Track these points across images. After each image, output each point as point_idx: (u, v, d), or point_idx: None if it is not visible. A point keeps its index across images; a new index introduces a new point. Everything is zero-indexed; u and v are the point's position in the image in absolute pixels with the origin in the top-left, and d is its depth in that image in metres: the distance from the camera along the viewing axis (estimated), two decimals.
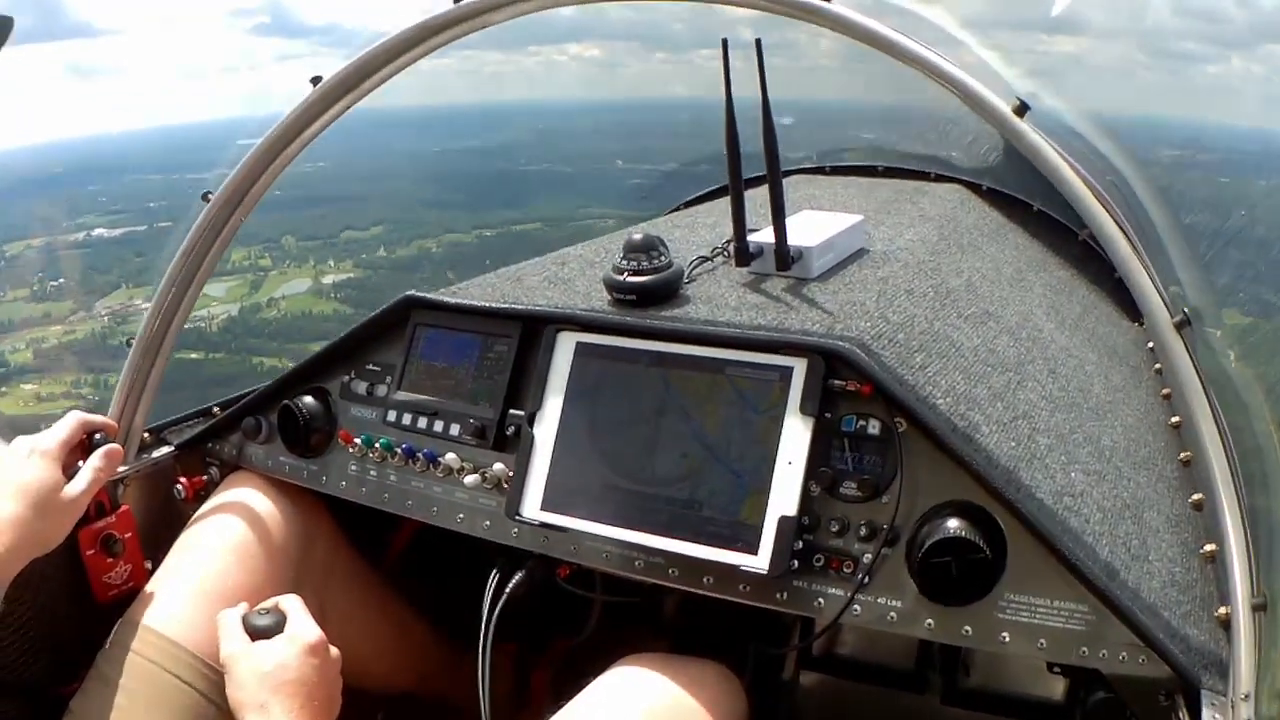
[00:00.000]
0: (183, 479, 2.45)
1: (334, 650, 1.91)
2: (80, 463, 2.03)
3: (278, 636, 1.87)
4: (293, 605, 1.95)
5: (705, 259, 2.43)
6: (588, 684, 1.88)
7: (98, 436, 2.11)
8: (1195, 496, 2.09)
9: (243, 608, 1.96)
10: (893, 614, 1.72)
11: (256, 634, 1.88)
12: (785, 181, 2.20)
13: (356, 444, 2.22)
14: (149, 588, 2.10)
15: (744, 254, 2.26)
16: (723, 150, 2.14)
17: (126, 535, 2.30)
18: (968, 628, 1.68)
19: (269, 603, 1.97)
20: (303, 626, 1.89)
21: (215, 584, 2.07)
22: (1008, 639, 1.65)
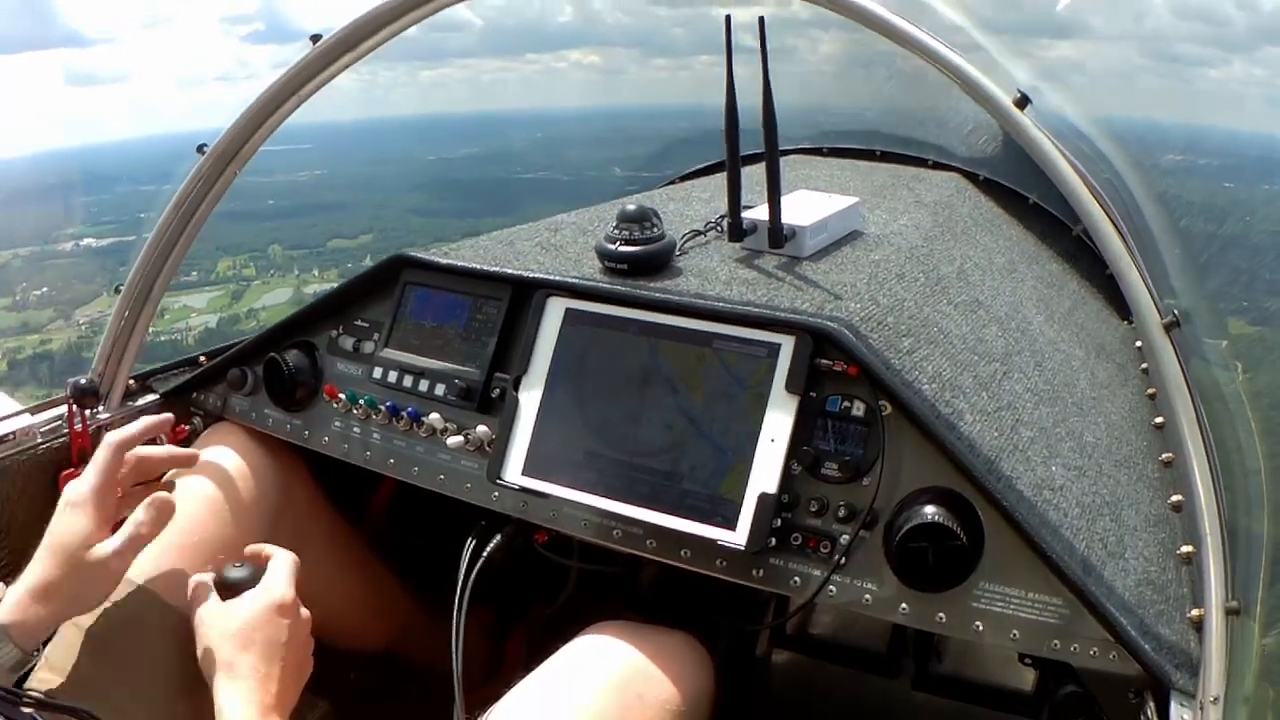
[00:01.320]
0: None
1: (304, 611, 1.89)
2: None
3: (247, 593, 1.86)
4: (274, 562, 1.92)
5: (698, 232, 2.42)
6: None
7: (83, 382, 2.09)
8: (1175, 498, 2.09)
9: (211, 572, 1.94)
10: (868, 596, 1.73)
11: (229, 586, 1.87)
12: (783, 161, 2.20)
13: (341, 400, 2.21)
14: None
15: (737, 229, 2.25)
16: (717, 128, 2.13)
17: None
18: (941, 614, 1.68)
19: (253, 548, 1.96)
20: (275, 582, 1.87)
21: (189, 535, 2.06)
22: (981, 628, 1.66)
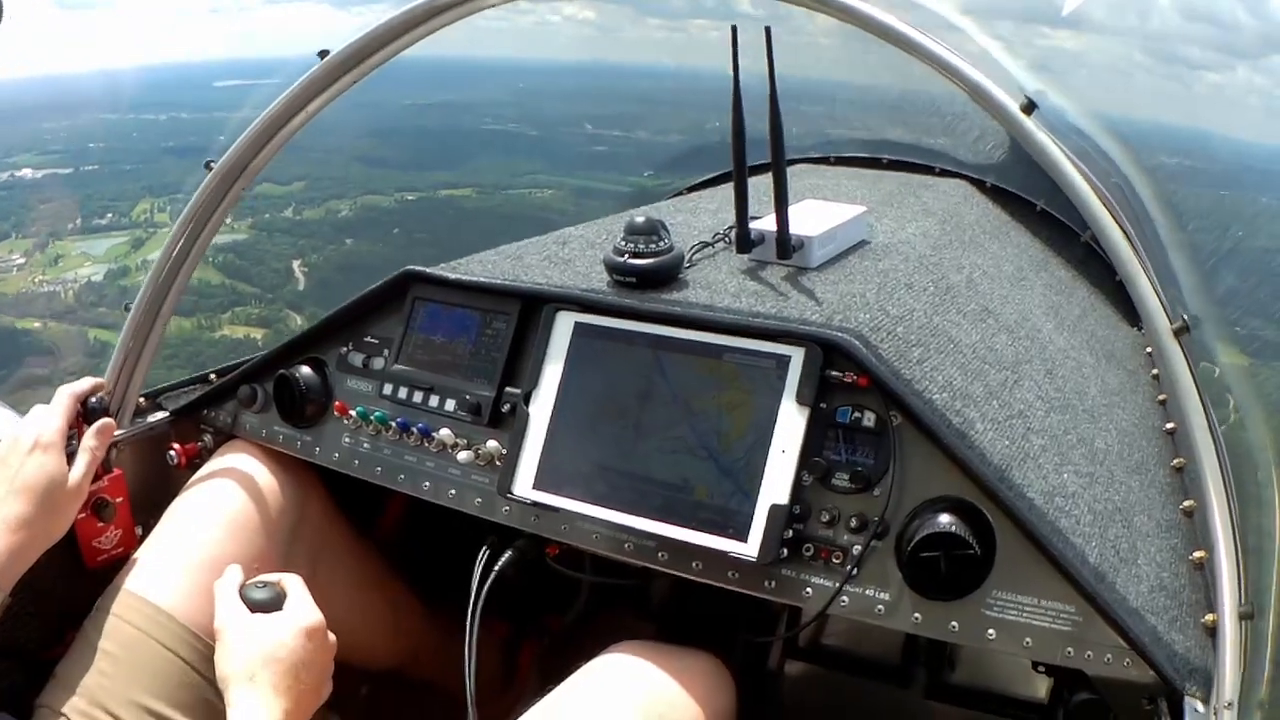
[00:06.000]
0: (176, 445, 2.44)
1: (331, 636, 1.91)
2: (75, 439, 2.04)
3: (276, 614, 1.87)
4: (294, 585, 1.95)
5: (706, 244, 2.42)
6: (575, 665, 1.87)
7: (92, 401, 2.11)
8: (1186, 503, 2.08)
9: (238, 576, 1.96)
10: (880, 606, 1.72)
11: (253, 607, 1.88)
12: (789, 171, 2.19)
13: (351, 416, 2.22)
14: (138, 554, 2.10)
15: (745, 241, 2.25)
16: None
17: (118, 500, 2.29)
18: (954, 623, 1.68)
19: (271, 577, 1.97)
20: (304, 608, 1.89)
21: (205, 553, 2.07)
22: (994, 636, 1.66)
